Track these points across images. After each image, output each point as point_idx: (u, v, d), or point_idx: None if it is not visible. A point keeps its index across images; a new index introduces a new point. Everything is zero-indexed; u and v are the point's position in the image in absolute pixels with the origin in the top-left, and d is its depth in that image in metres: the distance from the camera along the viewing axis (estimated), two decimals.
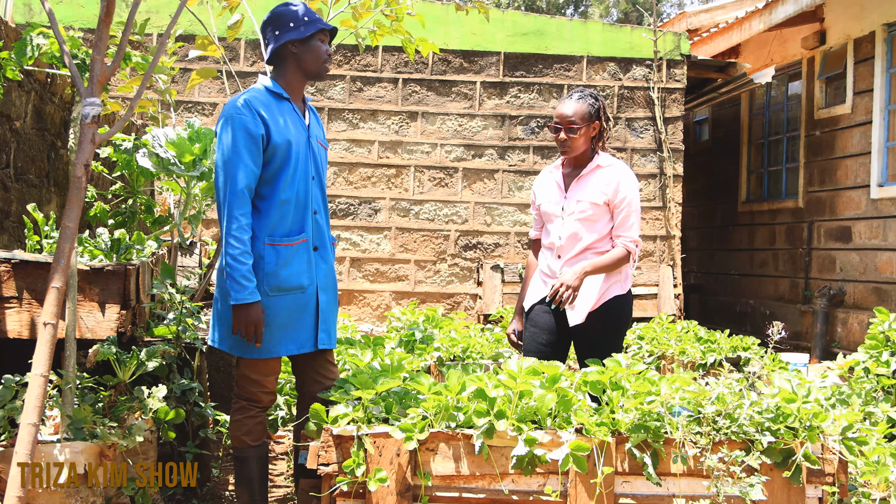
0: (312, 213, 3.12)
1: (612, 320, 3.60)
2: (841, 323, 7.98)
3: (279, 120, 3.01)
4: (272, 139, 2.98)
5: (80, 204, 2.69)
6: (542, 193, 3.75)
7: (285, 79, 3.09)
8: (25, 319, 3.38)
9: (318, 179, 3.16)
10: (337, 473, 2.64)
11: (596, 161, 3.63)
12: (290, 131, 3.03)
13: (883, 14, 7.50)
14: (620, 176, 3.59)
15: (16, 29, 4.41)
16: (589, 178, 3.61)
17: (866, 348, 4.17)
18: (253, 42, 7.92)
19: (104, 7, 2.71)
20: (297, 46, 3.04)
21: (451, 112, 8.15)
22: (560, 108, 3.60)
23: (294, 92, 3.11)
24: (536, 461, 2.62)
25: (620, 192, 3.57)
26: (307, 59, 3.06)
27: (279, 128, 3.01)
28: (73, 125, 4.69)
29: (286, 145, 3.00)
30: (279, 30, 3.03)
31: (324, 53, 3.08)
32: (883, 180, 7.54)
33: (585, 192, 3.59)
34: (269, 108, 3.01)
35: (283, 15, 3.04)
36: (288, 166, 3.02)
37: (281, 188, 3.02)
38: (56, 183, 5.17)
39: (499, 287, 7.79)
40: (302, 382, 3.23)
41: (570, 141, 3.55)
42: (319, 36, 3.06)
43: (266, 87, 3.07)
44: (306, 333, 3.08)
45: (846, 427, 2.76)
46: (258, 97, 3.01)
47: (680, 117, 8.30)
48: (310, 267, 3.09)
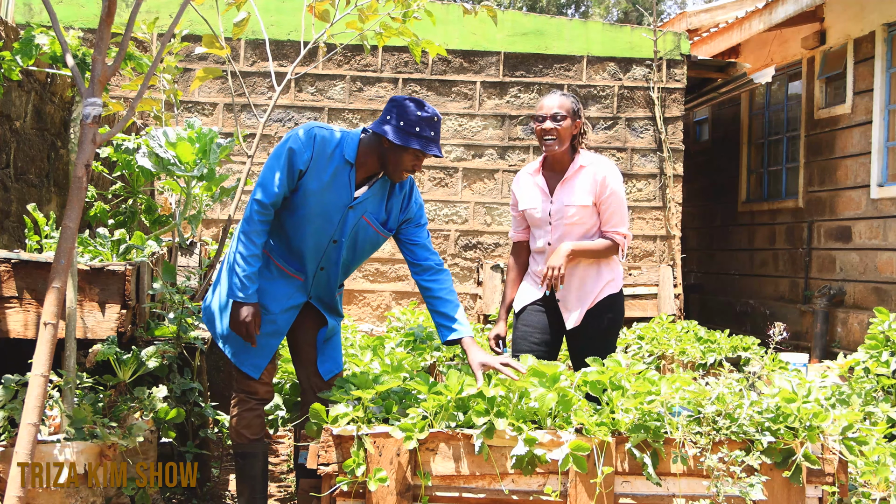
0: (319, 268, 3.12)
1: (606, 319, 3.60)
2: (841, 323, 7.98)
3: (325, 173, 2.99)
4: (305, 181, 2.97)
5: (81, 204, 2.69)
6: (526, 198, 3.65)
7: (364, 152, 3.03)
8: (25, 319, 3.38)
9: (340, 245, 3.09)
10: (337, 473, 2.64)
11: (578, 161, 3.58)
12: (329, 188, 2.99)
13: (883, 14, 7.50)
14: (605, 171, 3.55)
15: (16, 29, 4.41)
16: (574, 179, 3.57)
17: (866, 348, 4.17)
18: (253, 42, 7.93)
19: (105, 7, 2.71)
20: (391, 146, 2.97)
21: (451, 112, 8.15)
22: (544, 101, 3.56)
23: (363, 167, 3.04)
24: (536, 461, 2.62)
25: (607, 189, 3.54)
26: (389, 160, 3.00)
27: (320, 178, 2.98)
28: (74, 125, 4.69)
29: (312, 196, 2.98)
30: (391, 118, 2.95)
31: (407, 167, 3.00)
32: (883, 180, 7.54)
33: (573, 195, 3.54)
34: (327, 158, 2.98)
35: (404, 110, 2.94)
36: (302, 211, 3.00)
37: (291, 225, 3.04)
38: (56, 183, 5.17)
39: (499, 287, 7.79)
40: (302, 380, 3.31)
41: (556, 130, 3.49)
42: (416, 152, 2.97)
43: (343, 140, 3.02)
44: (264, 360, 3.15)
45: (846, 427, 2.76)
46: (327, 142, 2.98)
47: (680, 117, 8.30)
48: (286, 301, 3.11)
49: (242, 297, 2.93)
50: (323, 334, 3.23)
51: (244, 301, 2.94)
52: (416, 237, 3.21)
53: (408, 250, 3.22)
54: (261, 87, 7.96)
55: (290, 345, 3.30)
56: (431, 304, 3.16)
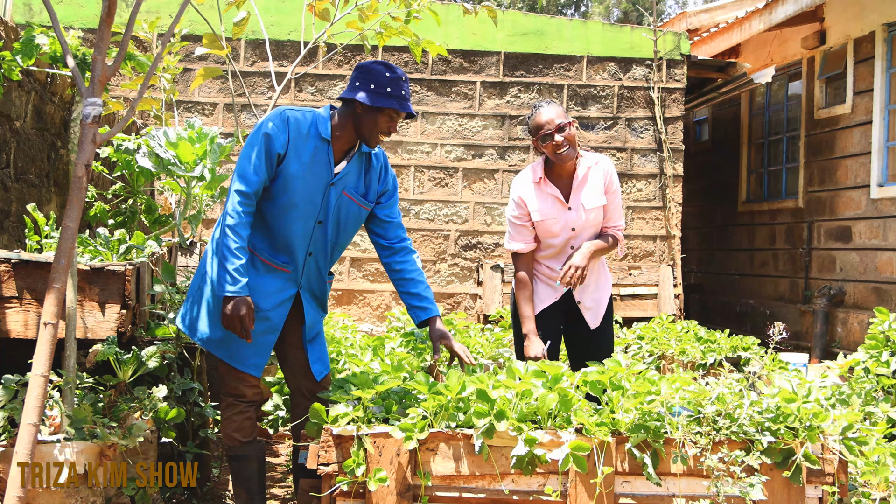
0: (307, 254, 3.08)
1: (609, 318, 3.72)
2: (841, 323, 7.98)
3: (305, 153, 2.97)
4: (285, 166, 2.95)
5: (81, 204, 2.69)
6: (541, 209, 3.59)
7: (339, 125, 3.02)
8: (25, 319, 3.38)
9: (325, 225, 3.07)
10: (337, 473, 2.64)
11: (584, 162, 3.58)
12: (310, 169, 2.98)
13: (883, 14, 7.50)
14: (609, 168, 3.62)
15: (16, 29, 4.41)
16: (585, 182, 3.58)
17: (866, 348, 4.17)
18: (253, 42, 7.93)
19: (106, 7, 2.71)
20: (364, 109, 2.96)
21: (451, 112, 8.15)
22: (544, 117, 3.51)
23: (339, 140, 3.03)
24: (536, 461, 2.62)
25: (613, 184, 3.61)
26: (364, 125, 2.99)
27: (300, 160, 2.96)
28: (74, 125, 4.69)
29: (295, 179, 2.96)
30: (360, 84, 2.95)
31: (383, 129, 3.00)
32: (883, 180, 7.54)
33: (589, 197, 3.57)
34: (304, 138, 2.97)
35: (373, 73, 2.95)
36: (285, 197, 2.98)
37: (274, 215, 3.00)
38: (56, 183, 5.17)
39: (499, 287, 7.79)
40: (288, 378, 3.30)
41: (567, 140, 3.48)
42: (390, 112, 2.97)
43: (315, 119, 3.01)
44: (263, 358, 3.12)
45: (846, 427, 2.76)
46: (301, 122, 2.97)
47: (680, 117, 8.30)
48: (277, 296, 3.06)
49: (234, 290, 2.85)
50: (310, 334, 3.18)
51: (235, 295, 2.86)
52: (392, 214, 3.21)
53: (381, 228, 3.21)
54: (261, 87, 7.96)
55: (277, 349, 3.24)
56: (404, 286, 3.18)
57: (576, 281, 3.47)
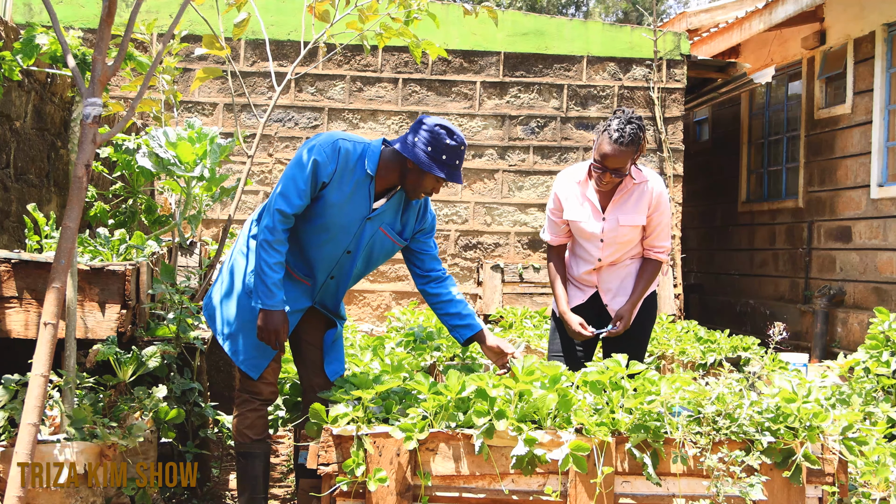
0: (329, 277, 3.15)
1: (643, 316, 3.69)
2: (841, 323, 7.98)
3: (347, 186, 3.00)
4: (326, 192, 2.98)
5: (81, 204, 2.69)
6: (574, 210, 3.59)
7: (385, 166, 3.04)
8: (25, 319, 3.38)
9: (354, 255, 3.11)
10: (337, 473, 2.64)
11: (633, 178, 3.52)
12: (349, 200, 3.01)
13: (883, 14, 7.50)
14: (659, 187, 3.54)
15: (16, 29, 4.41)
16: (629, 197, 3.53)
17: (866, 348, 4.17)
18: (253, 42, 7.93)
19: (106, 7, 2.71)
20: (414, 168, 2.98)
21: (451, 112, 8.15)
22: (609, 151, 3.36)
23: (382, 179, 3.05)
24: (536, 461, 2.62)
25: (660, 208, 3.54)
26: (410, 181, 3.02)
27: (342, 191, 2.99)
28: (74, 125, 4.69)
29: (333, 207, 2.99)
30: (419, 141, 2.95)
31: (427, 190, 3.03)
32: (883, 180, 7.54)
33: (627, 214, 3.52)
34: (350, 170, 2.99)
35: (434, 136, 2.93)
36: (320, 221, 3.02)
37: (307, 234, 3.05)
38: (56, 183, 5.18)
39: (499, 287, 7.79)
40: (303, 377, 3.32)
41: (614, 181, 3.43)
42: (437, 176, 2.98)
43: (365, 152, 3.03)
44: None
45: (846, 427, 2.76)
46: (350, 155, 2.99)
47: (680, 117, 8.30)
48: (292, 304, 3.12)
49: (271, 304, 2.93)
50: (331, 336, 3.25)
51: (272, 308, 2.94)
52: (428, 247, 3.25)
53: (418, 260, 3.26)
54: (261, 87, 7.96)
55: (293, 345, 3.30)
56: (442, 309, 3.21)
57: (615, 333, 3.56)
